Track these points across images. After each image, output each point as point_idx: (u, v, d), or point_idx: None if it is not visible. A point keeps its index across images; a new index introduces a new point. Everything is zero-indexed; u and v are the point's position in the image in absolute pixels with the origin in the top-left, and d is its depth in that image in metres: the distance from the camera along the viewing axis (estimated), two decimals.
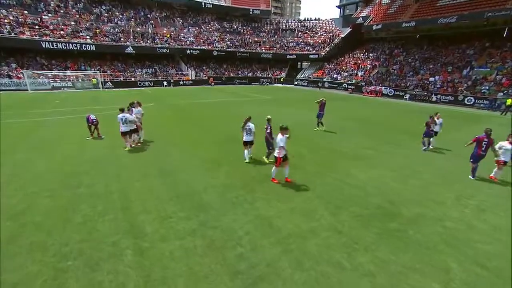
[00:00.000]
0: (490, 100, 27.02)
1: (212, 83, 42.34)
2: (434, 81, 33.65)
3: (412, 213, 6.19)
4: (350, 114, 20.04)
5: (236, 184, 7.35)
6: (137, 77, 38.34)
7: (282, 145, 7.06)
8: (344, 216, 5.99)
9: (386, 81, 37.90)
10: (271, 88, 40.81)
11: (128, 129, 9.75)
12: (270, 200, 6.57)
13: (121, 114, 9.56)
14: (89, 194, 6.51)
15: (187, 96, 27.47)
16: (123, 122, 9.56)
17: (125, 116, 9.58)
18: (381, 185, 7.67)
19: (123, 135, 9.85)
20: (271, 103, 23.87)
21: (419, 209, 6.37)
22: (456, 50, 37.44)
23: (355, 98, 32.93)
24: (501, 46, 33.93)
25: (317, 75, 48.90)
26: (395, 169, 9.02)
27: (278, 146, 7.08)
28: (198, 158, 9.35)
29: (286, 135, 7.15)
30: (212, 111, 18.53)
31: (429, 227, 5.60)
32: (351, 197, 6.89)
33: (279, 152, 7.13)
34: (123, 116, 9.55)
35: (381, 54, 45.01)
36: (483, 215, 6.20)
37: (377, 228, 5.55)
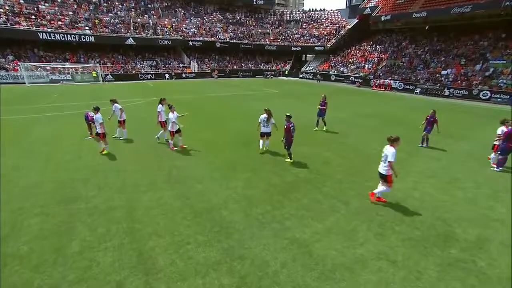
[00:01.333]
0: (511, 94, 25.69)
1: (215, 76, 41.04)
2: (447, 74, 32.33)
3: (472, 235, 5.21)
4: (365, 110, 18.92)
5: (259, 196, 6.37)
6: (138, 70, 37.03)
7: (391, 160, 6.02)
8: (393, 239, 5.03)
9: (394, 74, 36.57)
10: (277, 82, 39.51)
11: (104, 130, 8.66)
12: (302, 217, 5.61)
13: (99, 115, 8.52)
14: (87, 210, 5.53)
15: (191, 90, 26.32)
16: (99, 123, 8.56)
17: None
18: (423, 197, 6.69)
19: (102, 136, 8.72)
20: (282, 98, 22.74)
21: (478, 229, 5.39)
22: (468, 41, 35.93)
23: (364, 92, 31.70)
24: None
25: (322, 67, 47.47)
26: (431, 175, 8.04)
27: (388, 160, 6.04)
28: (211, 162, 8.35)
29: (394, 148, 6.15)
30: (221, 107, 17.46)
31: (503, 256, 4.63)
32: (394, 213, 5.91)
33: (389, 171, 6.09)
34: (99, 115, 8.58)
35: (389, 46, 43.48)
36: None
37: (437, 256, 4.59)
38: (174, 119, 8.80)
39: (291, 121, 8.07)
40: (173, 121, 8.82)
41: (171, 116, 8.82)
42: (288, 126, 7.96)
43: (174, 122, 8.84)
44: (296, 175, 7.63)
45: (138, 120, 13.46)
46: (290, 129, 7.95)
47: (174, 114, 8.83)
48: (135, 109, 16.35)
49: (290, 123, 8.00)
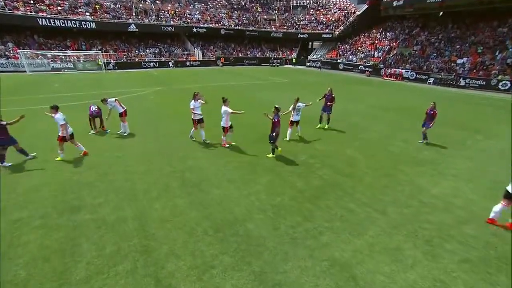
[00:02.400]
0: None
1: (221, 64, 39.81)
2: (462, 63, 30.92)
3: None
4: (379, 101, 17.97)
5: (287, 204, 5.68)
6: (142, 58, 35.86)
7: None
8: (446, 261, 4.34)
9: (406, 63, 35.15)
10: (284, 70, 38.25)
11: (71, 131, 7.49)
12: (337, 231, 4.92)
13: (61, 114, 7.17)
14: (94, 223, 4.87)
15: (197, 79, 25.34)
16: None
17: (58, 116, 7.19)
18: (467, 205, 5.96)
19: (64, 140, 7.37)
20: (293, 88, 21.75)
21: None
22: (486, 28, 34.20)
23: (374, 82, 30.51)
24: None
25: (330, 56, 45.93)
26: (468, 178, 7.28)
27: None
28: (227, 162, 7.64)
29: None
30: (230, 98, 16.52)
31: None
32: (439, 226, 5.20)
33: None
34: (63, 115, 7.24)
35: (400, 34, 41.69)
36: None
37: (504, 285, 3.90)
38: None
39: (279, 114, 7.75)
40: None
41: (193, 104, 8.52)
42: (278, 119, 7.63)
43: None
44: (322, 177, 6.91)
45: (143, 112, 12.72)
46: (279, 122, 7.67)
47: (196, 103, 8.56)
48: (141, 100, 15.56)
49: (277, 116, 7.64)
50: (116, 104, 9.35)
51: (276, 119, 7.59)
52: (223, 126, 8.33)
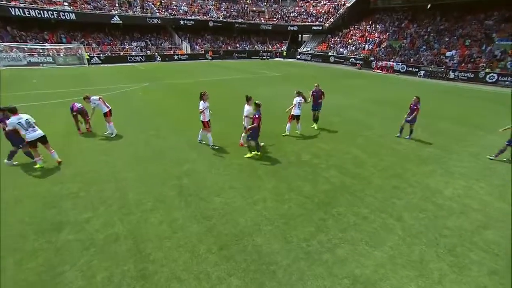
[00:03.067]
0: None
1: (210, 58, 38.67)
2: (451, 56, 31.19)
3: None
4: (375, 95, 17.73)
5: (296, 213, 5.21)
6: (127, 52, 34.25)
7: None
8: (475, 273, 4.02)
9: (396, 56, 35.20)
10: (274, 63, 37.58)
11: (38, 135, 6.43)
12: (354, 242, 4.51)
13: (15, 117, 6.21)
14: (80, 244, 4.24)
15: (187, 73, 24.34)
16: (26, 127, 6.28)
17: (23, 119, 6.30)
18: (483, 207, 5.69)
19: (32, 146, 6.45)
20: (286, 82, 21.21)
21: None
22: (473, 21, 34.57)
23: (366, 75, 30.38)
24: None
25: (320, 48, 45.52)
26: (478, 176, 7.04)
27: None
28: (227, 165, 7.08)
29: None
30: (224, 93, 15.83)
31: None
32: (459, 232, 4.89)
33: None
34: (20, 118, 6.24)
35: (390, 26, 41.66)
36: None
37: None
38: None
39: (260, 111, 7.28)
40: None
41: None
42: (259, 116, 7.16)
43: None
44: (329, 180, 6.48)
45: (132, 110, 11.91)
46: (260, 119, 7.19)
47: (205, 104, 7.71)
48: (128, 97, 14.63)
49: (258, 112, 7.21)
50: (100, 103, 8.55)
51: (257, 115, 7.11)
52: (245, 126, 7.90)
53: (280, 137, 9.12)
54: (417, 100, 9.19)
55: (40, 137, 6.45)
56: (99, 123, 9.25)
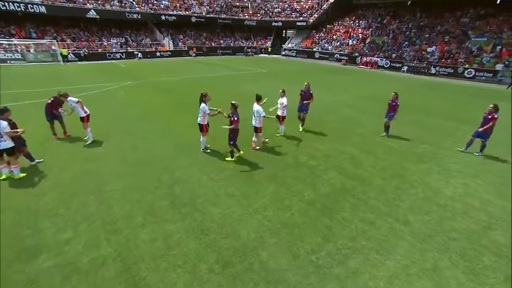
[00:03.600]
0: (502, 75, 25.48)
1: (193, 54, 37.61)
2: (432, 52, 32.04)
3: None
4: (364, 91, 17.77)
5: (300, 221, 4.90)
6: (105, 48, 32.56)
7: None
8: (491, 279, 3.89)
9: (380, 52, 35.75)
10: (259, 59, 37.11)
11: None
12: (363, 251, 4.26)
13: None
14: (59, 271, 3.66)
15: (170, 71, 23.39)
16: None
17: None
18: (484, 206, 5.64)
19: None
20: (273, 78, 20.85)
21: None
22: (451, 18, 35.66)
23: (352, 70, 30.62)
24: (496, 14, 32.50)
25: (305, 44, 45.52)
26: (474, 173, 7.04)
27: None
28: (221, 169, 6.65)
29: None
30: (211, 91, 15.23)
31: None
32: (467, 234, 4.77)
33: None
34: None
35: (373, 22, 42.28)
36: None
37: None
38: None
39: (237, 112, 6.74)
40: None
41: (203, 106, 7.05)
42: (237, 118, 6.66)
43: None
44: (329, 183, 6.22)
45: (114, 112, 11.13)
46: (238, 121, 6.69)
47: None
48: (109, 97, 13.72)
49: (236, 114, 6.68)
50: (77, 106, 7.69)
51: (235, 117, 6.61)
52: (255, 126, 7.42)
53: (274, 137, 8.78)
54: (395, 96, 9.04)
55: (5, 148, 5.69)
56: (79, 126, 8.50)
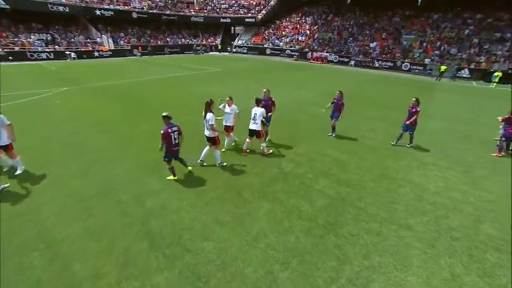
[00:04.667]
0: (430, 68, 28.67)
1: (138, 54, 34.41)
2: (374, 47, 34.74)
3: None
4: (323, 87, 18.15)
5: (307, 243, 4.35)
6: (27, 47, 27.53)
7: None
8: (503, 278, 3.89)
9: (328, 47, 37.52)
10: (211, 58, 35.75)
11: None
12: (382, 269, 3.92)
13: None
14: None
15: (116, 73, 20.74)
16: None
17: None
18: (466, 198, 5.89)
19: None
20: (231, 78, 19.99)
21: None
22: (385, 16, 39.17)
23: (306, 66, 31.43)
24: (418, 15, 36.74)
25: (254, 40, 45.45)
26: (446, 165, 7.44)
27: None
28: (200, 192, 5.74)
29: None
30: (167, 95, 13.78)
31: None
32: (464, 232, 4.82)
33: None
34: None
35: (318, 19, 44.19)
36: None
37: None
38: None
39: (174, 123, 5.61)
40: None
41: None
42: (167, 131, 5.44)
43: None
44: (323, 192, 5.84)
45: (52, 127, 9.12)
46: (170, 135, 5.49)
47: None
48: (42, 107, 11.30)
49: (171, 126, 5.52)
50: (2, 131, 5.81)
51: (162, 130, 5.46)
52: (256, 129, 6.98)
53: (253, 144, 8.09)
54: (340, 95, 8.53)
55: None
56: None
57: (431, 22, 34.67)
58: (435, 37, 32.30)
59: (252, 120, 6.94)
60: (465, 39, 30.50)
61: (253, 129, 6.97)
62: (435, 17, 34.85)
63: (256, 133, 7.00)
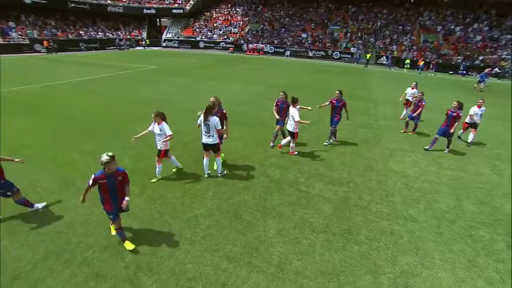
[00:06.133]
0: (356, 56, 31.68)
1: (44, 49, 28.32)
2: (306, 37, 36.55)
3: None
4: (274, 80, 18.10)
5: (334, 260, 3.96)
6: None
7: None
8: (505, 254, 4.24)
9: (263, 38, 37.89)
10: (140, 54, 32.11)
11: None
12: (412, 269, 3.83)
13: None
14: None
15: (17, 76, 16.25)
16: None
17: None
18: (440, 180, 6.46)
19: None
20: (170, 75, 18.07)
21: None
22: (311, 8, 41.59)
23: (243, 58, 31.06)
24: (339, 8, 40.28)
25: (184, 33, 42.76)
26: (410, 148, 8.14)
27: None
28: (190, 218, 4.75)
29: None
30: (102, 101, 11.39)
31: None
32: (456, 213, 5.22)
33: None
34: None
35: (249, 10, 44.11)
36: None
37: None
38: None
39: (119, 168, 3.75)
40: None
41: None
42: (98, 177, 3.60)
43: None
44: (323, 197, 5.55)
45: None
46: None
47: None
48: None
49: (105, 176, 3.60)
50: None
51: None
52: (291, 131, 6.75)
53: (231, 153, 7.27)
54: (284, 97, 7.10)
55: None
56: None
57: (351, 14, 38.27)
58: (356, 28, 35.81)
59: (289, 121, 6.74)
60: (378, 30, 34.71)
61: (289, 130, 6.81)
62: (353, 10, 38.57)
63: (291, 134, 6.83)
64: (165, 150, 5.59)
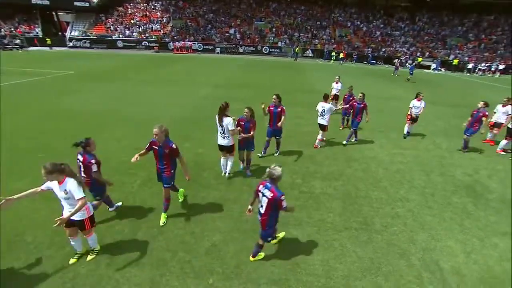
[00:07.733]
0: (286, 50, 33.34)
1: None
2: (234, 33, 36.52)
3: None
4: (215, 80, 17.50)
5: (370, 255, 4.12)
6: None
7: None
8: (481, 212, 5.22)
9: (189, 35, 36.22)
10: (45, 56, 26.47)
11: None
12: (437, 248, 4.32)
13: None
14: None
15: None
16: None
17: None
18: (407, 160, 7.46)
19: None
20: (95, 81, 15.42)
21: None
22: (233, 3, 41.67)
23: (173, 58, 29.12)
24: (261, 4, 41.69)
25: (96, 31, 37.33)
26: (371, 136, 8.97)
27: None
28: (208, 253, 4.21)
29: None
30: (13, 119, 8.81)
31: None
32: (431, 186, 6.12)
33: None
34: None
35: (169, 6, 41.36)
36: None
37: None
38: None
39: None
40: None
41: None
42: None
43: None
44: (327, 194, 5.68)
45: None
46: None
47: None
48: None
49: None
50: None
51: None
52: (324, 124, 7.45)
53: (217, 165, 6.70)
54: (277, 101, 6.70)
55: None
56: None
57: (273, 10, 39.98)
58: (279, 24, 37.67)
59: (321, 115, 7.33)
60: (300, 25, 37.39)
61: (321, 123, 7.41)
62: (274, 6, 40.36)
63: (322, 127, 7.46)
64: (89, 218, 3.57)
